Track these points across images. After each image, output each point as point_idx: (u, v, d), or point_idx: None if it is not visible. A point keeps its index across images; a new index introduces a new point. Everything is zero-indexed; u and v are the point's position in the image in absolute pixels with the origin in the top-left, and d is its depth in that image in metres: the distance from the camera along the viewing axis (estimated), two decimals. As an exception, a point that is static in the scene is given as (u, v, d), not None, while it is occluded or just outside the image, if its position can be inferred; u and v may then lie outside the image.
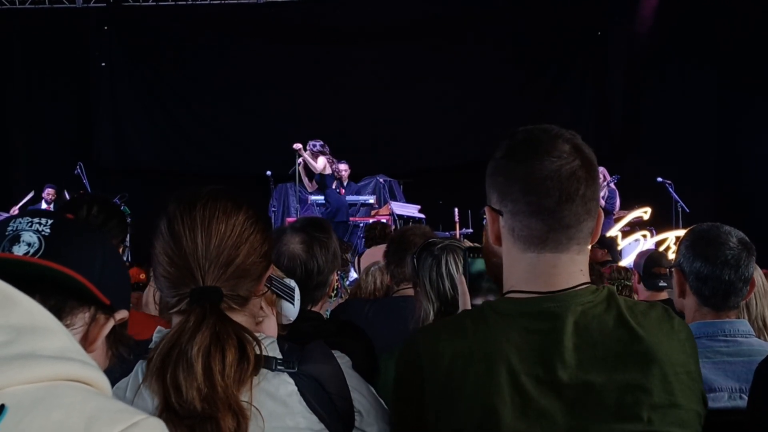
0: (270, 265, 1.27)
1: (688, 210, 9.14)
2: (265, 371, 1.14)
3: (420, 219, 9.15)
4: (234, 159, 11.34)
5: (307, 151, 8.59)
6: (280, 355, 1.18)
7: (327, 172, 8.57)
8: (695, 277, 1.86)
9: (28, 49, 11.15)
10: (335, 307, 3.01)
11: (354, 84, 11.13)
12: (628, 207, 9.48)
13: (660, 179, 9.37)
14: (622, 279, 4.11)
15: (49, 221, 1.05)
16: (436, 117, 11.19)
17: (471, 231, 9.38)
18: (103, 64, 11.41)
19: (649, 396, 1.10)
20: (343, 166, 9.26)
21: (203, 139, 11.60)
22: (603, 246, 6.07)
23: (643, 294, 3.76)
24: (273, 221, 9.58)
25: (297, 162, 8.65)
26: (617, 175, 9.36)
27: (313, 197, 9.33)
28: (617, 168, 9.56)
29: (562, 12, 10.98)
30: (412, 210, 9.44)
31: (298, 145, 8.55)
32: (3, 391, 0.58)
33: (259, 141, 11.13)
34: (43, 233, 1.03)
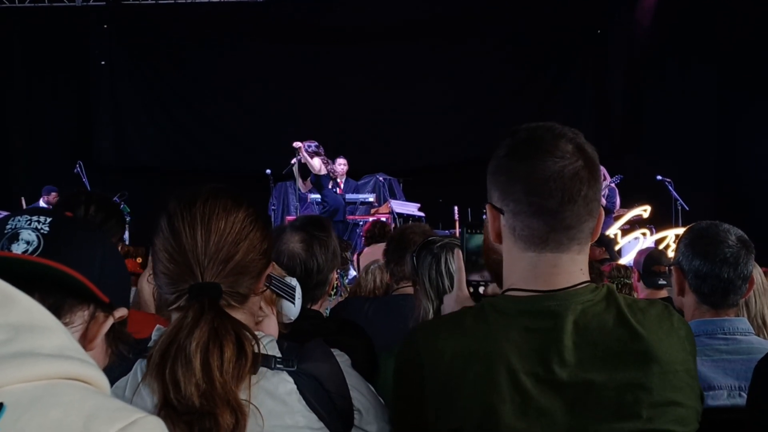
0: (269, 263, 1.27)
1: (687, 208, 9.13)
2: (265, 370, 1.14)
3: (420, 217, 9.15)
4: (234, 158, 11.34)
5: (302, 153, 8.59)
6: (279, 354, 1.18)
7: (323, 172, 8.58)
8: (694, 275, 1.87)
9: (27, 48, 11.14)
10: (335, 306, 3.01)
11: (354, 83, 11.13)
12: (628, 205, 9.47)
13: (660, 177, 9.36)
14: (621, 277, 4.10)
15: (48, 219, 1.05)
16: (436, 116, 11.18)
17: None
18: (103, 62, 11.41)
19: (649, 394, 1.10)
20: (341, 160, 9.25)
21: (203, 138, 11.60)
22: (601, 244, 6.05)
23: (643, 292, 3.76)
24: (273, 220, 9.58)
25: (291, 162, 8.63)
26: (620, 175, 9.34)
27: (312, 196, 9.33)
28: (617, 166, 9.54)
29: (561, 11, 10.97)
30: (411, 208, 9.44)
31: (297, 144, 8.55)
32: (2, 390, 0.58)
33: (259, 140, 11.13)
34: (42, 231, 1.03)
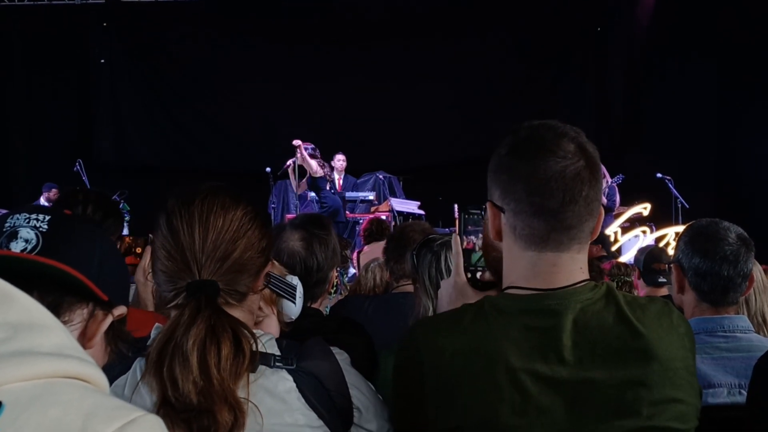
0: (268, 261, 1.26)
1: (687, 206, 9.13)
2: (264, 368, 1.14)
3: (420, 215, 9.14)
4: (233, 156, 11.34)
5: (298, 154, 8.58)
6: (278, 352, 1.18)
7: (319, 174, 8.58)
8: (694, 273, 1.87)
9: (27, 46, 11.13)
10: (335, 304, 3.01)
11: (354, 81, 11.12)
12: (628, 203, 9.47)
13: (660, 175, 9.36)
14: (622, 275, 4.11)
15: (47, 217, 1.05)
16: (436, 114, 11.18)
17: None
18: (102, 61, 11.40)
19: (649, 392, 1.10)
20: (340, 156, 9.25)
21: (203, 136, 11.59)
22: (597, 242, 6.04)
23: (643, 290, 3.77)
24: (273, 218, 9.57)
25: (287, 163, 8.61)
26: (621, 175, 9.32)
27: (312, 194, 9.32)
28: (617, 164, 9.54)
29: (561, 9, 10.97)
30: (411, 206, 9.43)
31: (297, 142, 8.53)
32: (0, 389, 0.58)
33: (259, 138, 11.12)
34: (41, 229, 1.03)
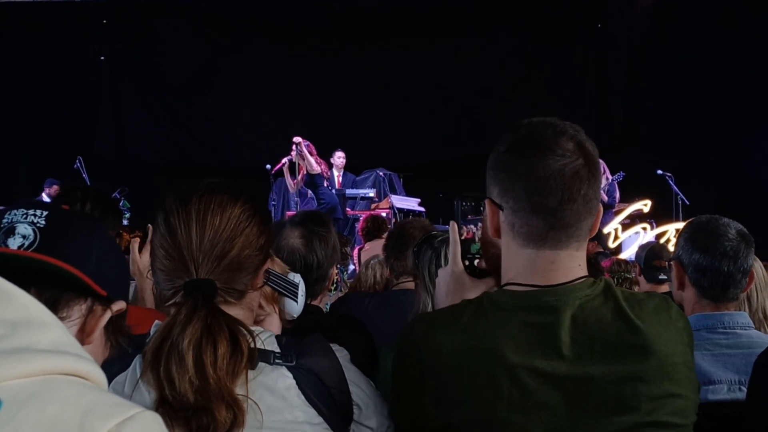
0: (267, 258, 1.26)
1: (688, 202, 9.12)
2: (263, 365, 1.14)
3: (420, 212, 9.13)
4: (233, 153, 11.33)
5: (294, 151, 8.57)
6: (278, 349, 1.17)
7: (316, 171, 8.58)
8: (694, 269, 1.86)
9: (27, 44, 11.12)
10: (335, 301, 3.01)
11: (354, 78, 11.10)
12: (628, 200, 9.46)
13: (660, 172, 9.35)
14: (622, 272, 4.11)
15: (44, 212, 1.04)
16: (436, 110, 11.16)
17: (470, 224, 9.34)
18: (102, 58, 11.38)
19: (648, 387, 1.11)
20: (340, 153, 9.25)
21: (203, 134, 11.57)
22: (594, 239, 6.03)
23: (644, 287, 3.77)
24: (273, 215, 9.56)
25: (283, 161, 8.59)
26: (622, 173, 9.31)
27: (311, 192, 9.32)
28: (617, 161, 9.52)
29: (562, 7, 10.95)
30: (412, 203, 9.43)
31: (297, 139, 8.53)
32: None
33: (259, 135, 11.11)
34: (38, 225, 1.03)
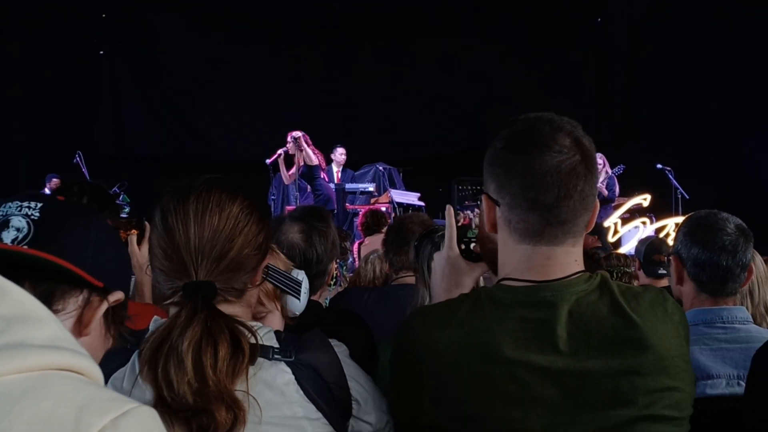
0: (266, 255, 1.25)
1: (687, 197, 9.11)
2: (262, 360, 1.14)
3: (420, 207, 9.14)
4: (233, 147, 11.31)
5: (290, 143, 8.55)
6: (277, 345, 1.17)
7: (315, 163, 8.57)
8: (693, 263, 1.86)
9: (26, 38, 11.08)
10: (334, 296, 3.01)
11: (354, 72, 11.10)
12: (627, 194, 9.45)
13: (660, 166, 9.34)
14: (621, 266, 4.10)
15: (39, 204, 1.03)
16: (436, 105, 11.16)
17: (470, 219, 9.34)
18: (102, 52, 11.36)
19: (645, 381, 1.11)
20: (341, 150, 9.25)
21: (203, 127, 11.56)
22: (593, 233, 6.02)
23: (644, 281, 3.76)
24: (272, 210, 9.55)
25: (278, 152, 8.57)
26: (622, 165, 9.30)
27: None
28: (617, 155, 9.51)
29: (561, 0, 10.92)
30: (411, 198, 9.42)
31: (298, 133, 8.52)
32: None
33: (258, 129, 11.10)
34: (33, 217, 1.02)
